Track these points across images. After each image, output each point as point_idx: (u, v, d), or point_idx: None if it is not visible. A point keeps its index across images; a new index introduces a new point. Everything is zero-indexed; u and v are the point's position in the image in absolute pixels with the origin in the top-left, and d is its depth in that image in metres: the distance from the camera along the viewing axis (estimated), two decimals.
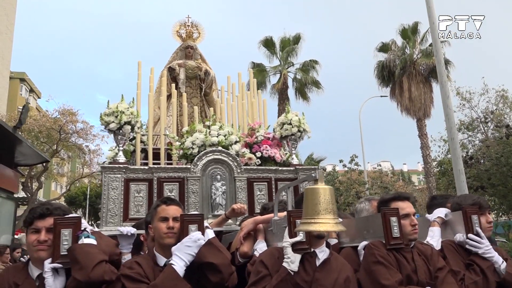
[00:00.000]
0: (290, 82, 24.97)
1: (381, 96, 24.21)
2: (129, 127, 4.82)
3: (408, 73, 22.96)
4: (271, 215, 2.92)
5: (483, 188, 15.07)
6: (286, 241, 2.37)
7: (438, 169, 19.37)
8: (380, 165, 25.03)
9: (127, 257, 2.90)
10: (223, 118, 5.87)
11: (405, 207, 2.64)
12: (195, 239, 2.35)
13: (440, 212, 3.09)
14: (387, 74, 23.49)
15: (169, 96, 6.20)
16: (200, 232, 2.41)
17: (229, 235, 3.73)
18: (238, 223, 4.57)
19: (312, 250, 2.37)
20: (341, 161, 21.49)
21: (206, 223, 2.57)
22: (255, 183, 5.03)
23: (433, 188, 20.38)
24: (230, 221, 4.46)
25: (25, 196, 20.57)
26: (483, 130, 17.14)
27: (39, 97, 35.02)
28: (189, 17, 6.91)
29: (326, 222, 2.01)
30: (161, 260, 2.40)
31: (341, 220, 2.35)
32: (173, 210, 2.51)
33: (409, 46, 23.65)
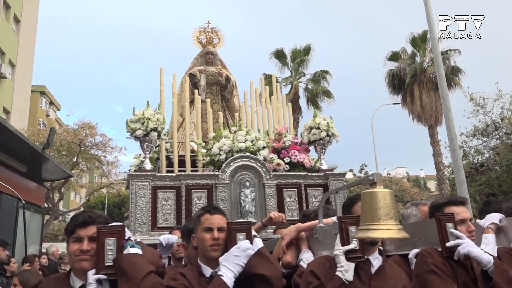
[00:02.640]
0: (301, 92, 24.75)
1: (393, 104, 23.82)
2: (155, 133, 4.62)
3: (418, 81, 22.56)
4: (315, 222, 2.70)
5: (494, 195, 14.65)
6: (339, 249, 2.18)
7: (453, 175, 18.90)
8: (389, 174, 24.53)
9: (164, 261, 2.84)
10: (248, 124, 5.64)
11: (461, 212, 2.42)
12: (244, 249, 2.16)
13: (494, 218, 2.79)
14: (397, 83, 23.12)
15: (191, 103, 5.97)
16: (248, 241, 2.22)
17: (267, 243, 3.50)
18: (271, 230, 4.32)
19: (365, 257, 2.19)
20: (351, 170, 21.05)
21: (254, 232, 2.36)
22: (284, 189, 4.81)
23: (447, 195, 19.90)
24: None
25: (47, 206, 20.57)
26: (498, 136, 16.70)
27: (58, 109, 35.15)
28: (209, 22, 6.72)
29: (388, 228, 1.80)
30: (207, 271, 2.23)
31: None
32: (218, 220, 2.32)
33: (419, 54, 23.29)
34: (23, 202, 8.03)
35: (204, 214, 2.34)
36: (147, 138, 4.61)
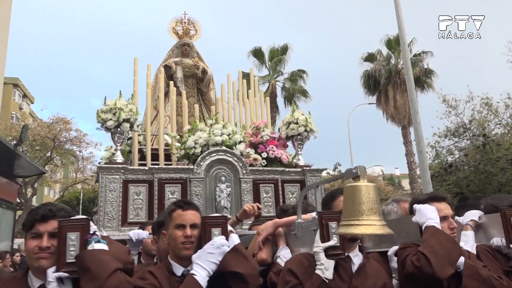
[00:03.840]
0: (279, 91, 24.67)
1: (369, 104, 23.99)
2: (127, 125, 4.38)
3: (393, 82, 22.82)
4: (293, 217, 2.57)
5: (462, 194, 14.96)
6: (318, 246, 2.06)
7: None
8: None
9: (134, 258, 2.71)
10: (225, 117, 5.43)
11: (442, 208, 2.31)
12: (218, 245, 2.01)
13: (473, 215, 2.70)
14: (373, 83, 23.33)
15: (165, 95, 5.72)
16: (223, 237, 2.07)
17: (242, 239, 3.31)
18: (247, 227, 4.13)
19: (346, 254, 2.10)
20: (324, 169, 21.03)
21: (230, 227, 2.21)
22: (261, 184, 4.64)
23: (419, 194, 20.16)
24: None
25: (19, 201, 19.90)
26: (468, 136, 16.98)
27: (32, 102, 34.01)
28: (186, 13, 6.46)
29: (372, 224, 1.67)
30: (178, 270, 2.07)
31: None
32: (191, 216, 2.15)
33: (393, 56, 23.53)
34: None
35: (176, 209, 2.17)
36: (118, 129, 4.36)
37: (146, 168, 4.38)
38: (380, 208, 1.80)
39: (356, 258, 2.14)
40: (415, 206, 2.24)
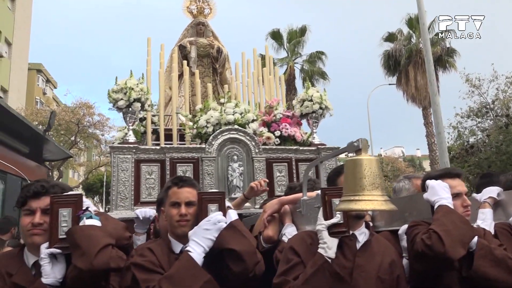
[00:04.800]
0: (297, 73, 24.35)
1: (389, 84, 23.42)
2: (138, 104, 4.30)
3: (413, 62, 22.19)
4: (299, 194, 2.50)
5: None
6: (321, 224, 1.99)
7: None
8: (386, 153, 24.31)
9: (142, 238, 2.68)
10: (239, 96, 5.31)
11: (456, 185, 2.18)
12: (214, 221, 1.97)
13: (491, 192, 2.55)
14: (393, 64, 22.77)
15: (180, 76, 5.64)
16: (221, 213, 2.02)
17: (249, 218, 3.29)
18: (257, 206, 4.09)
19: (350, 232, 2.01)
20: (339, 147, 20.74)
21: (228, 203, 2.16)
22: (274, 164, 4.50)
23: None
24: (248, 204, 3.98)
25: None
26: (492, 117, 16.43)
27: (55, 87, 34.55)
28: None
29: (373, 200, 1.58)
30: (177, 247, 2.04)
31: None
32: (186, 194, 2.11)
33: (415, 35, 22.81)
34: (28, 181, 8.08)
35: (171, 187, 2.14)
36: (129, 109, 4.29)
37: (158, 147, 4.31)
38: (383, 184, 1.69)
39: (362, 236, 2.04)
40: (428, 182, 2.12)
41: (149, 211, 2.79)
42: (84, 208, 1.92)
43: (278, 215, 2.55)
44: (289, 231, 2.39)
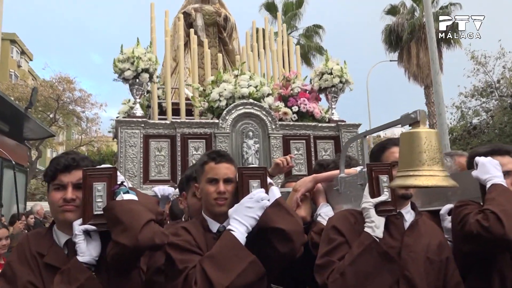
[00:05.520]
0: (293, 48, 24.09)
1: (390, 61, 23.36)
2: (147, 75, 4.23)
3: (416, 38, 21.97)
4: (334, 172, 2.46)
5: None
6: (368, 202, 1.94)
7: (449, 137, 18.87)
8: (386, 134, 24.42)
9: None
10: (252, 68, 5.22)
11: (506, 162, 2.16)
12: (257, 199, 1.91)
13: None
14: (394, 39, 22.49)
15: (185, 45, 5.49)
16: (263, 190, 1.96)
17: None
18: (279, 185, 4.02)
19: (397, 211, 1.98)
20: (360, 124, 20.76)
21: (269, 179, 2.08)
22: (291, 141, 4.51)
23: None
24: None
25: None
26: (497, 97, 16.54)
27: (31, 59, 33.75)
28: None
29: (434, 175, 1.55)
30: (214, 226, 1.99)
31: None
32: (224, 170, 2.03)
33: (418, 8, 22.61)
34: (13, 162, 8.00)
35: (208, 162, 2.06)
36: (137, 80, 4.22)
37: (168, 122, 4.30)
38: (443, 158, 1.66)
39: (408, 215, 2.01)
40: (477, 159, 2.10)
41: (168, 189, 2.75)
42: (119, 182, 1.85)
43: (310, 194, 2.50)
44: (325, 211, 2.35)
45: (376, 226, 1.87)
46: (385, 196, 1.92)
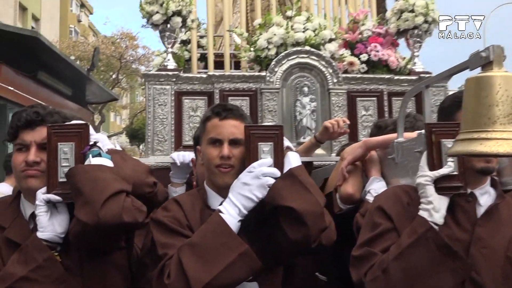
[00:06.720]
0: None
1: None
2: (179, 19, 4.06)
3: None
4: (391, 135, 2.29)
5: None
6: (424, 176, 1.74)
7: None
8: None
9: (180, 189, 2.62)
10: (311, 7, 4.90)
11: None
12: (257, 174, 1.75)
13: None
14: None
15: None
16: (270, 161, 1.80)
17: (322, 169, 3.14)
18: (334, 154, 3.85)
19: (468, 191, 1.78)
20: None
21: (287, 142, 1.98)
22: (358, 98, 4.22)
23: None
24: (320, 151, 3.74)
25: None
26: None
27: (91, 13, 35.62)
28: None
29: (509, 138, 1.30)
30: (214, 201, 1.90)
31: None
32: (230, 128, 1.91)
33: None
34: None
35: (211, 117, 1.96)
36: (168, 25, 4.07)
37: (204, 76, 4.14)
38: None
39: (485, 197, 1.79)
40: None
41: (189, 155, 2.70)
42: (91, 142, 1.80)
43: (361, 164, 2.35)
44: (376, 187, 2.19)
45: (434, 208, 1.66)
46: (449, 168, 1.72)
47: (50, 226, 1.70)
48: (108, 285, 1.82)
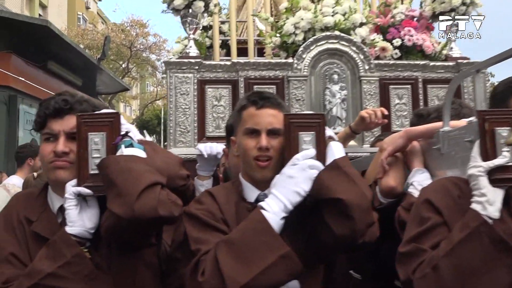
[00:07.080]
0: None
1: None
2: (201, 3, 4.02)
3: None
4: (436, 124, 2.21)
5: None
6: (477, 166, 1.69)
7: None
8: None
9: (206, 183, 2.57)
10: None
11: None
12: (303, 166, 1.70)
13: None
14: None
15: None
16: (312, 150, 1.75)
17: (357, 161, 3.01)
18: (367, 145, 3.86)
19: None
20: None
21: (329, 131, 1.90)
22: (391, 86, 4.18)
23: None
24: (354, 142, 3.78)
25: None
26: None
27: (99, 0, 35.53)
28: None
29: None
30: (251, 193, 1.87)
31: None
32: (268, 117, 1.87)
33: None
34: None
35: (247, 106, 1.93)
36: (189, 11, 4.04)
37: (228, 63, 4.12)
38: None
39: None
40: None
41: (217, 146, 2.64)
42: (123, 132, 1.76)
43: (403, 155, 2.28)
44: (420, 179, 2.12)
45: (488, 201, 1.61)
46: (504, 158, 1.65)
47: (79, 220, 1.68)
48: (138, 283, 1.80)
